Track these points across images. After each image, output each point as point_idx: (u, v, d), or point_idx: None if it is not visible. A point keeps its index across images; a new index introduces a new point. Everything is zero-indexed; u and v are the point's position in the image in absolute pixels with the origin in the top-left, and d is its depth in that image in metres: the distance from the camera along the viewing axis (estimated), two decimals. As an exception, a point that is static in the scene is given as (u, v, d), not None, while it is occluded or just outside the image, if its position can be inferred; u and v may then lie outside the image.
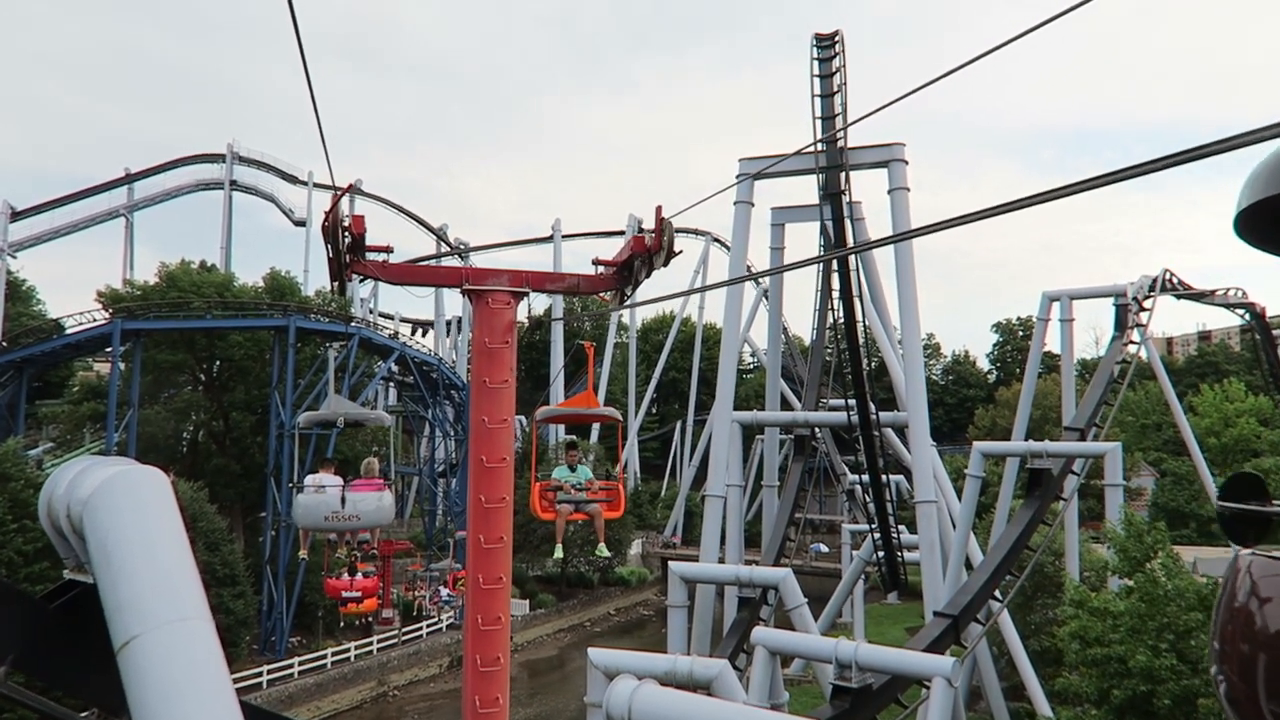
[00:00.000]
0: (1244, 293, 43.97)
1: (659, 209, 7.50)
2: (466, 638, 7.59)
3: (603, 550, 10.75)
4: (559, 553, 10.16)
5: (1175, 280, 38.29)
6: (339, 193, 6.52)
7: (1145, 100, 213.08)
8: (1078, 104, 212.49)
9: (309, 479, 11.57)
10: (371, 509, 11.09)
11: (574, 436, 72.77)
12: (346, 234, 7.16)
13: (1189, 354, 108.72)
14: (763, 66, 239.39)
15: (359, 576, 15.86)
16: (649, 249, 7.69)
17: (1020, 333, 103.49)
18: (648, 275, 8.07)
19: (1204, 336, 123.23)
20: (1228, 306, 45.30)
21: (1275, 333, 48.50)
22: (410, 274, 8.13)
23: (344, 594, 16.07)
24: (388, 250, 7.70)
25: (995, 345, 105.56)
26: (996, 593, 23.88)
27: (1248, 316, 46.52)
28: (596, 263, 8.48)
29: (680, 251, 7.58)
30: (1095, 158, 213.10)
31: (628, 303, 8.75)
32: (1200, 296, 42.75)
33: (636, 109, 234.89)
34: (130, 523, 5.07)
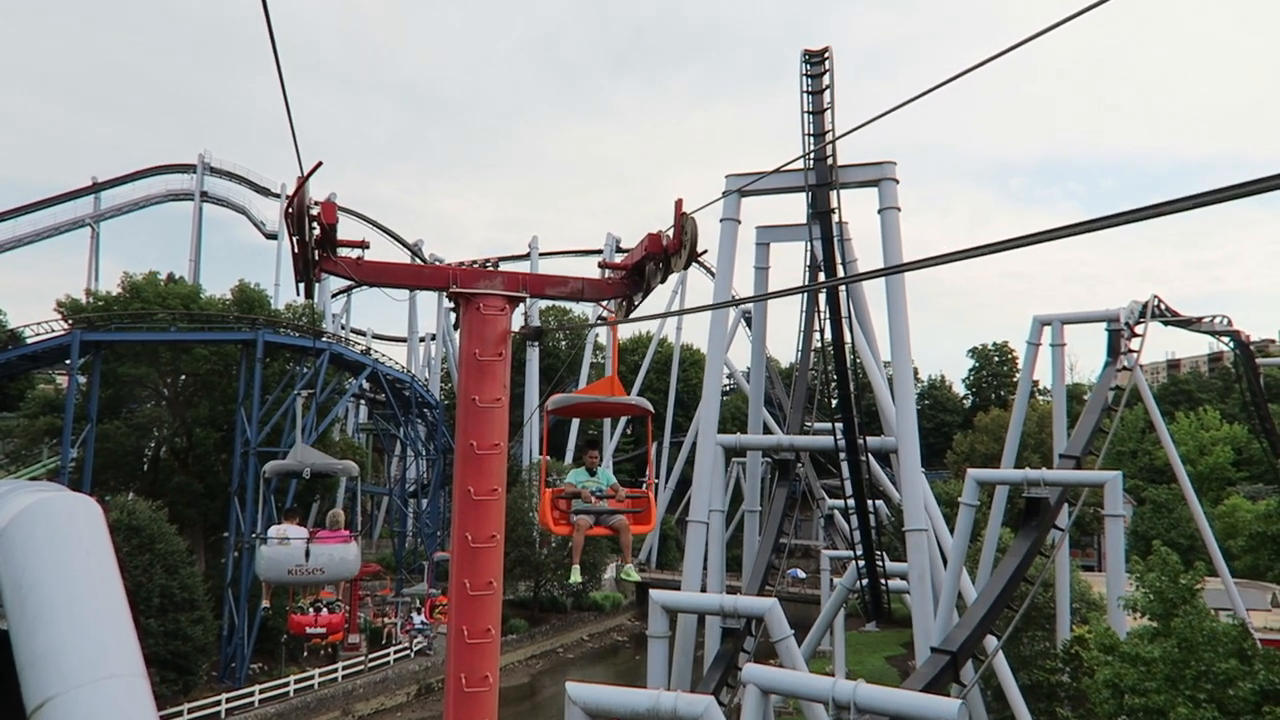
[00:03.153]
0: (1229, 320, 43.84)
1: (679, 202, 6.47)
2: (448, 701, 6.49)
3: (630, 573, 8.78)
4: (576, 576, 8.54)
5: (1163, 307, 37.96)
6: (307, 172, 5.46)
7: (1107, 133, 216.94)
8: (1043, 136, 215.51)
9: (273, 530, 11.17)
10: (336, 562, 10.52)
11: (540, 450, 71.35)
12: (314, 224, 6.09)
13: (1160, 382, 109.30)
14: (740, 95, 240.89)
15: (324, 611, 14.82)
16: (666, 249, 6.66)
17: (996, 358, 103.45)
18: (663, 280, 7.01)
19: (1173, 365, 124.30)
20: (1214, 334, 45.13)
21: (1257, 360, 48.50)
22: (388, 273, 7.02)
23: (309, 630, 15.03)
24: (363, 246, 6.61)
25: (971, 371, 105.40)
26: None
27: (1231, 343, 46.41)
28: (604, 266, 7.42)
29: (705, 251, 6.54)
30: (1062, 188, 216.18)
31: (634, 314, 7.73)
32: (1187, 323, 42.48)
33: (614, 133, 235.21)
34: (51, 560, 4.19)
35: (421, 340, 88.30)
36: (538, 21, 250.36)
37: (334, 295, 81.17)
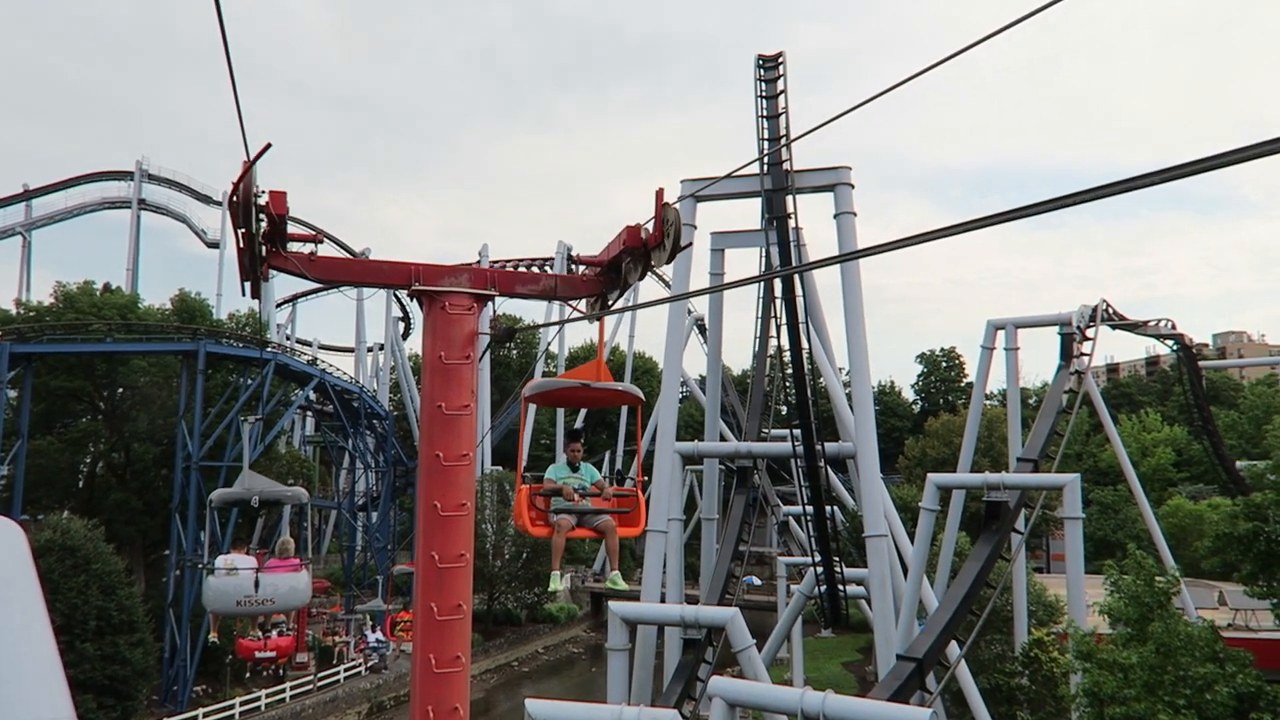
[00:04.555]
0: (1173, 324, 44.75)
1: (660, 192, 6.00)
2: (413, 736, 5.95)
3: (617, 580, 7.78)
4: (556, 583, 7.69)
5: (1111, 311, 38.50)
6: (254, 155, 4.91)
7: (1042, 144, 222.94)
8: (980, 146, 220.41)
9: (220, 560, 10.95)
10: (286, 592, 10.29)
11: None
12: (262, 215, 5.51)
13: (1101, 385, 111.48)
14: (684, 106, 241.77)
15: (274, 635, 14.19)
16: (646, 243, 6.19)
17: (944, 364, 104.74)
18: (641, 276, 6.53)
19: (1112, 369, 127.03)
20: (1158, 337, 46.00)
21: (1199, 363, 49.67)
22: (344, 271, 6.43)
23: (257, 654, 14.42)
24: (316, 240, 6.05)
25: (920, 376, 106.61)
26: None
27: (1175, 346, 47.41)
28: (578, 261, 6.91)
29: (688, 244, 6.08)
30: (1000, 197, 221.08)
31: (609, 310, 7.25)
32: (1134, 327, 43.21)
33: (560, 143, 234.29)
34: (-34, 591, 3.70)
35: (370, 350, 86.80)
36: (480, 32, 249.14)
37: (279, 305, 79.44)
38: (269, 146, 4.84)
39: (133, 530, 45.36)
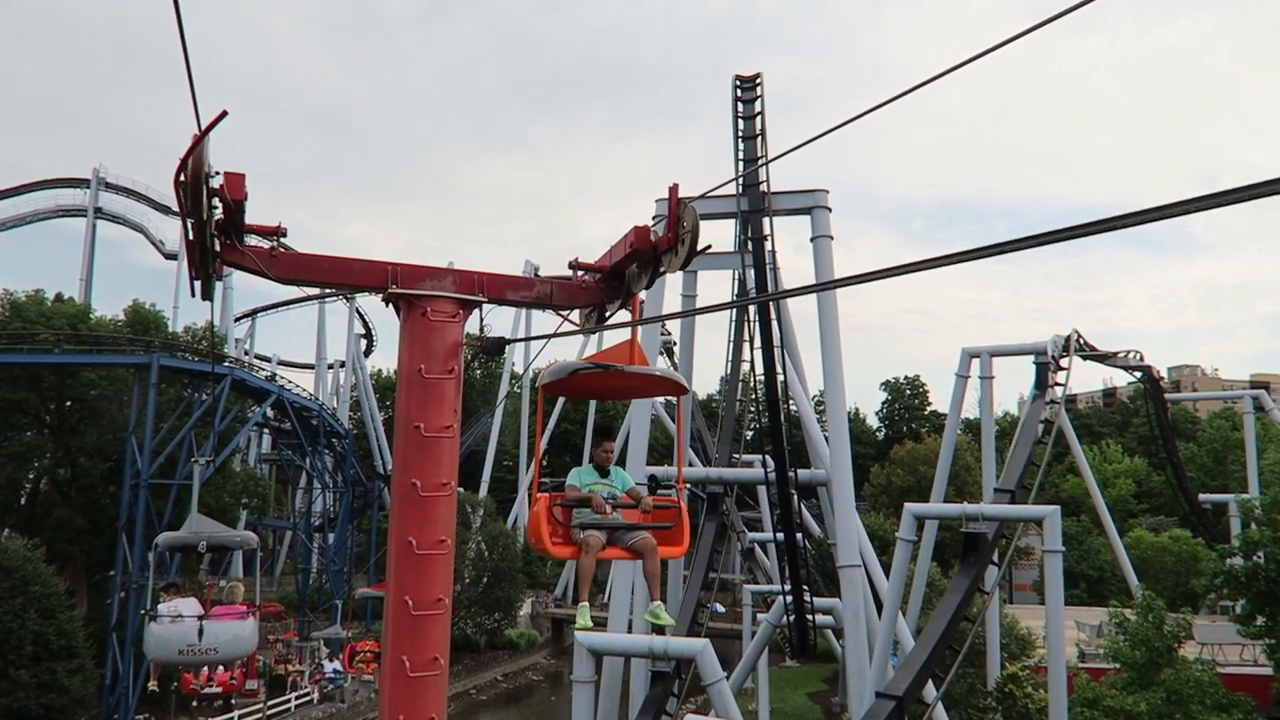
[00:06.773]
0: (1141, 356, 45.07)
1: (674, 188, 5.26)
2: (378, 813, 5.10)
3: (660, 613, 6.07)
4: (585, 618, 6.17)
5: (1083, 341, 38.53)
6: (205, 126, 4.13)
7: (1003, 179, 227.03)
8: (943, 180, 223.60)
9: (163, 607, 10.38)
10: (230, 640, 9.72)
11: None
12: (215, 199, 4.72)
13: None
14: (655, 133, 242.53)
15: (219, 670, 13.26)
16: (656, 247, 5.46)
17: (908, 391, 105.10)
18: (648, 284, 5.79)
19: (1070, 400, 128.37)
20: (1127, 369, 46.29)
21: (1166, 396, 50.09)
22: (311, 268, 5.56)
23: (202, 690, 13.50)
24: (279, 233, 5.25)
25: (884, 404, 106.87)
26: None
27: (1142, 377, 47.77)
28: (576, 266, 6.13)
29: (708, 247, 5.34)
30: (960, 230, 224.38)
31: (605, 324, 6.52)
32: (1104, 358, 43.39)
33: (530, 165, 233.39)
34: None
35: (330, 367, 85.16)
36: (452, 52, 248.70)
37: (238, 319, 77.61)
38: (224, 114, 4.06)
39: (76, 550, 43.53)
